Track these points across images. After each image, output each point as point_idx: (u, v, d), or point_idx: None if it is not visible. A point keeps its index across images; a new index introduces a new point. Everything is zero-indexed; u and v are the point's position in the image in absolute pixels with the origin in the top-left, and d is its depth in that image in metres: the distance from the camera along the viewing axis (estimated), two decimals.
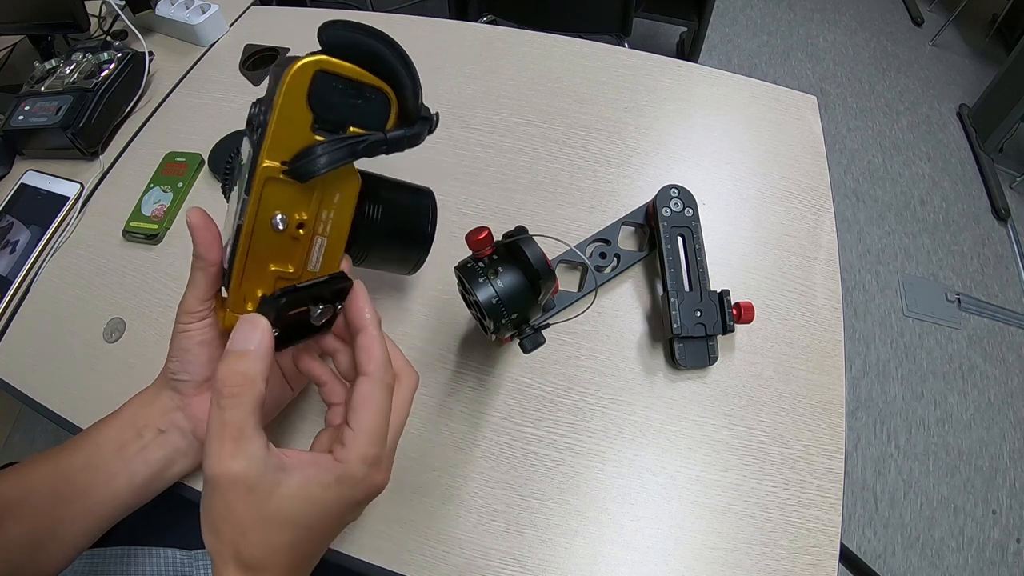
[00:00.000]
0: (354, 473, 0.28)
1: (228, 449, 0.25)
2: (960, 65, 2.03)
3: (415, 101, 0.32)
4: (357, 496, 0.28)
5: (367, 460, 0.28)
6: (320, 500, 0.27)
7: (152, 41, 0.73)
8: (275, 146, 0.29)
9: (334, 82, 0.29)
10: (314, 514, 0.27)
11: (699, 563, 0.39)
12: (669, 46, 1.99)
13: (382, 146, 0.31)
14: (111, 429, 0.36)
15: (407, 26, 0.73)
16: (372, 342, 0.30)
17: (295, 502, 0.26)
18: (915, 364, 1.36)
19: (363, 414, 0.28)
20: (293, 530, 0.27)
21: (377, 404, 0.29)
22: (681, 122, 0.61)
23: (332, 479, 0.27)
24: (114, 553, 0.44)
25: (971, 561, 1.12)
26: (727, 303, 0.45)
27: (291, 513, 0.26)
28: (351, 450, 0.28)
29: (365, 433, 0.28)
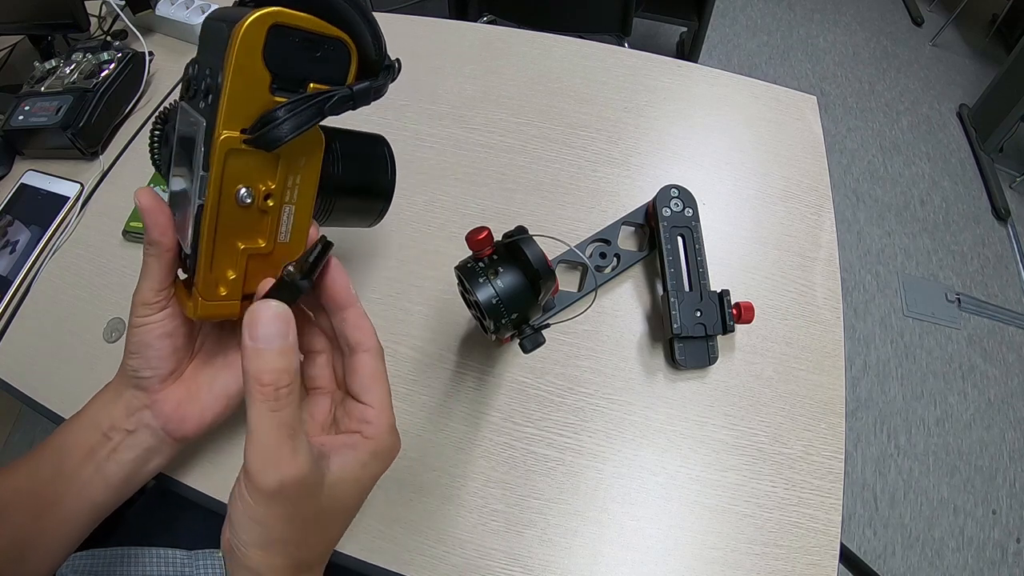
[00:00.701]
0: (386, 446, 0.28)
1: (287, 452, 0.23)
2: (960, 65, 2.03)
3: (377, 49, 0.29)
4: (386, 464, 0.29)
5: (392, 430, 0.29)
6: (362, 479, 0.28)
7: (152, 41, 0.73)
8: (232, 113, 0.26)
9: (291, 36, 0.26)
10: (360, 494, 0.28)
11: (699, 563, 0.39)
12: (669, 46, 1.99)
13: (348, 101, 0.29)
14: (76, 435, 0.34)
15: (407, 26, 0.73)
16: (361, 317, 0.30)
17: (343, 487, 0.26)
18: (915, 364, 1.36)
19: (376, 389, 0.29)
20: (346, 517, 0.28)
21: (382, 373, 0.29)
22: (681, 122, 0.61)
23: (368, 456, 0.28)
24: (114, 553, 0.44)
25: (971, 561, 1.12)
26: (727, 303, 0.45)
27: (343, 500, 0.27)
28: (378, 425, 0.28)
29: (384, 406, 0.29)
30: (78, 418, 0.35)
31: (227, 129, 0.26)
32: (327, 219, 0.37)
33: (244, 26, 0.25)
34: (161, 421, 0.35)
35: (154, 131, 0.34)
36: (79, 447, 0.34)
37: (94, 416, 0.35)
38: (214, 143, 0.26)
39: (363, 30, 0.29)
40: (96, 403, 0.35)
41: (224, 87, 0.26)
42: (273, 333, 0.24)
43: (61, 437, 0.35)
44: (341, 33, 0.28)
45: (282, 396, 0.23)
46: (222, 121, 0.26)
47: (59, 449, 0.34)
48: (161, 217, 0.31)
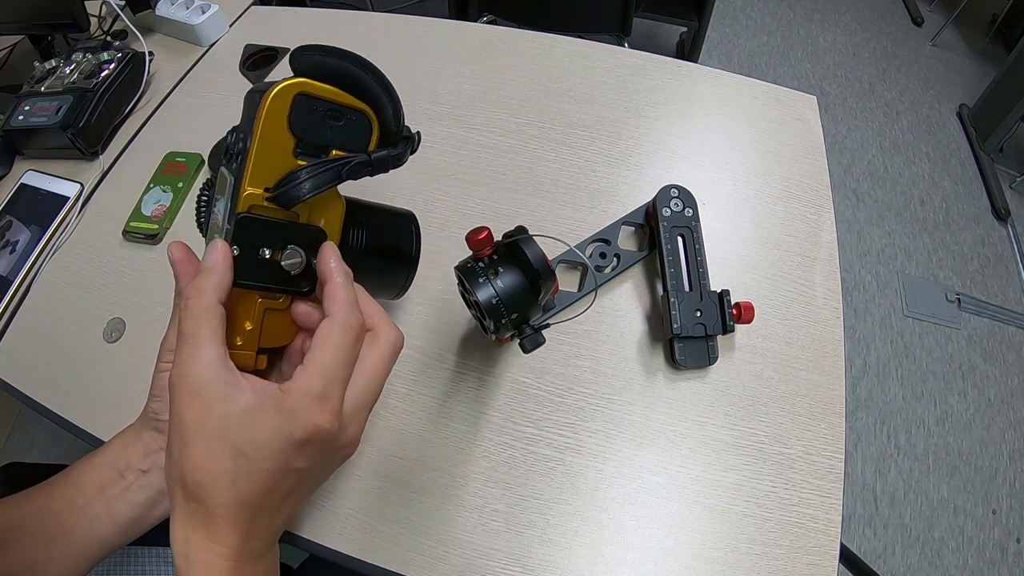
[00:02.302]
0: (294, 405, 0.26)
1: (183, 355, 0.25)
2: (960, 65, 2.03)
3: (396, 121, 0.32)
4: (296, 433, 0.26)
5: (310, 393, 0.26)
6: (260, 426, 0.25)
7: (152, 41, 0.73)
8: (257, 172, 0.28)
9: (315, 105, 0.29)
10: (254, 441, 0.25)
11: (699, 563, 0.39)
12: (669, 46, 1.99)
13: (366, 168, 0.31)
14: (92, 469, 0.35)
15: (407, 26, 0.73)
16: (336, 289, 0.29)
17: (236, 420, 0.25)
18: (915, 364, 1.36)
19: (317, 351, 0.27)
20: (232, 454, 0.25)
21: (333, 344, 0.27)
22: (681, 122, 0.61)
23: (272, 405, 0.26)
24: (115, 553, 0.44)
25: (971, 561, 1.12)
26: (727, 303, 0.45)
27: (231, 432, 0.25)
28: (296, 382, 0.26)
29: (314, 367, 0.26)
30: (98, 454, 0.36)
31: (252, 186, 0.29)
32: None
33: (272, 94, 0.28)
34: None
35: (201, 195, 0.36)
36: (92, 483, 0.34)
37: (112, 455, 0.35)
38: (239, 198, 0.28)
39: (385, 103, 0.31)
40: (116, 443, 0.36)
41: (251, 148, 0.28)
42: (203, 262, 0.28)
43: (77, 472, 0.35)
44: (363, 105, 0.31)
45: (185, 307, 0.26)
46: (247, 179, 0.28)
47: (74, 484, 0.35)
48: (189, 268, 0.32)
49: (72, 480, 0.35)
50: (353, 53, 0.30)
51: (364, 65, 0.30)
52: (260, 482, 0.26)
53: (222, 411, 0.25)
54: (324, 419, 0.26)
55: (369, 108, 0.31)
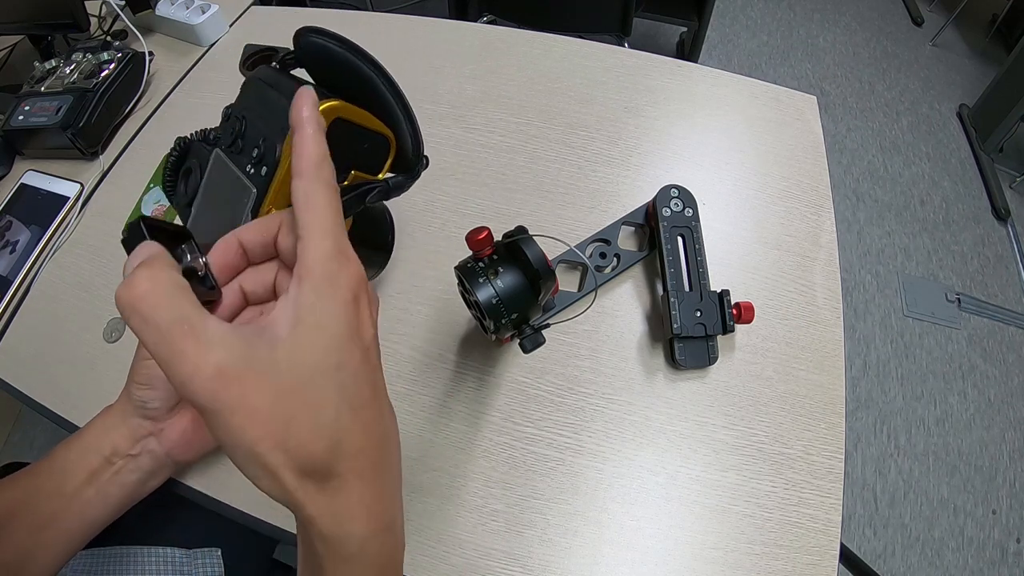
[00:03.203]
0: (325, 274, 0.21)
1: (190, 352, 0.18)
2: (960, 65, 2.03)
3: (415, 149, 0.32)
4: (344, 294, 0.22)
5: (329, 254, 0.22)
6: (320, 323, 0.21)
7: (152, 41, 0.73)
8: (283, 193, 0.28)
9: (348, 128, 0.29)
10: (329, 344, 0.21)
11: (699, 563, 0.39)
12: (669, 46, 1.99)
13: (386, 194, 0.32)
14: (76, 457, 0.35)
15: (407, 26, 0.73)
16: (303, 140, 0.23)
17: (301, 345, 0.20)
18: (915, 364, 1.36)
19: (305, 214, 0.22)
20: (328, 380, 0.21)
21: (318, 199, 0.22)
22: (681, 122, 0.61)
23: (311, 295, 0.21)
24: (113, 553, 0.44)
25: (971, 561, 1.12)
26: (727, 303, 0.45)
27: (310, 359, 0.20)
28: (307, 257, 0.21)
29: (312, 232, 0.22)
30: (78, 440, 0.35)
31: (276, 206, 0.28)
32: None
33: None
34: (166, 447, 0.35)
35: (170, 157, 0.35)
36: (80, 470, 0.34)
37: (95, 441, 0.35)
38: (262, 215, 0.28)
39: (406, 131, 0.32)
40: (97, 427, 0.36)
41: (282, 167, 0.28)
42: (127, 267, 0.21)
43: (61, 458, 0.35)
44: (387, 131, 0.31)
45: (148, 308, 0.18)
46: (273, 197, 0.28)
47: (60, 471, 0.35)
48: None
49: (58, 467, 0.35)
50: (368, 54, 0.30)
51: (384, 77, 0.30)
52: (364, 385, 0.22)
53: (281, 355, 0.20)
54: (355, 269, 0.23)
55: (392, 133, 0.31)
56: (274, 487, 0.20)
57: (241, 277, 0.27)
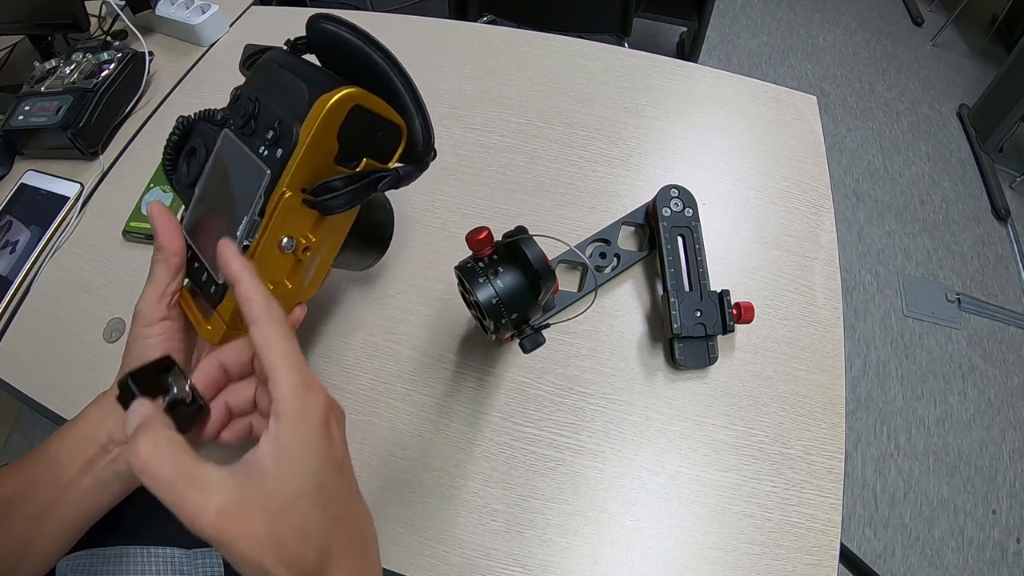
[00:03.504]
0: (297, 409, 0.25)
1: (194, 499, 0.22)
2: (960, 65, 2.03)
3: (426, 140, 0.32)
4: (316, 424, 0.25)
5: (297, 389, 0.25)
6: (295, 456, 0.24)
7: (152, 41, 0.73)
8: (300, 176, 0.29)
9: (364, 116, 0.29)
10: (305, 473, 0.24)
11: (699, 563, 0.39)
12: (669, 46, 1.99)
13: (396, 183, 0.32)
14: (72, 446, 0.34)
15: (407, 26, 0.73)
16: (247, 289, 0.26)
17: (282, 477, 0.24)
18: (915, 364, 1.36)
19: (267, 358, 0.25)
20: (311, 502, 0.24)
21: (276, 339, 0.26)
22: (681, 122, 0.61)
23: (288, 430, 0.24)
24: (112, 553, 0.44)
25: (971, 561, 1.12)
26: (727, 303, 0.45)
27: (292, 488, 0.24)
28: (279, 396, 0.25)
29: (280, 371, 0.25)
30: (73, 429, 0.35)
31: (291, 189, 0.29)
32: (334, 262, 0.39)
33: (332, 101, 0.27)
34: None
35: (172, 137, 0.35)
36: (76, 459, 0.34)
37: (90, 429, 0.35)
38: (277, 198, 0.28)
39: (417, 121, 0.32)
40: (91, 415, 0.36)
41: (299, 151, 0.28)
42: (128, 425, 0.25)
43: (55, 448, 0.35)
44: (400, 120, 0.31)
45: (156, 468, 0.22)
46: (288, 180, 0.28)
47: (55, 460, 0.34)
48: (169, 223, 0.31)
49: (52, 457, 0.35)
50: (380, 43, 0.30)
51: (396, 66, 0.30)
52: (339, 506, 0.26)
53: (269, 488, 0.23)
54: (321, 397, 0.26)
55: (404, 123, 0.32)
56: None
57: (225, 393, 0.30)
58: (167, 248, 0.32)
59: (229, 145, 0.31)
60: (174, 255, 0.32)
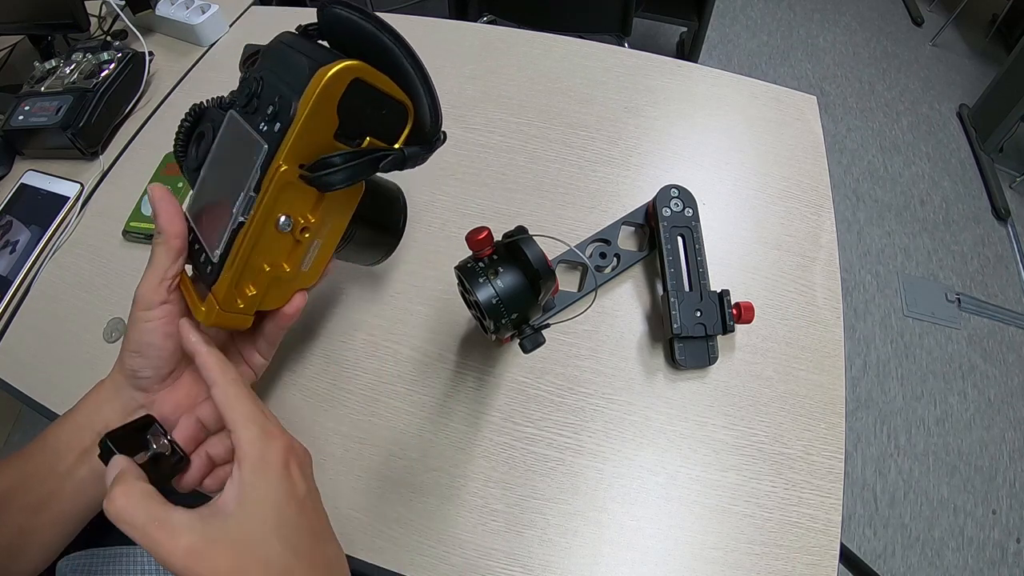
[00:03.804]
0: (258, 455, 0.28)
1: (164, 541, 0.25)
2: (960, 65, 2.03)
3: (434, 120, 0.31)
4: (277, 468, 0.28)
5: (255, 438, 0.28)
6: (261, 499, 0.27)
7: (152, 41, 0.73)
8: (297, 149, 0.28)
9: (366, 92, 0.28)
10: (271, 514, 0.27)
11: (699, 563, 0.39)
12: (669, 46, 1.99)
13: (399, 163, 0.31)
14: (69, 435, 0.35)
15: (407, 26, 0.73)
16: (205, 357, 0.31)
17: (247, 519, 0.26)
18: (915, 364, 1.36)
19: (228, 413, 0.29)
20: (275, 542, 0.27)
21: (234, 398, 0.29)
22: (681, 122, 0.61)
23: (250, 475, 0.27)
24: (112, 553, 0.44)
25: (971, 561, 1.12)
26: (727, 303, 0.45)
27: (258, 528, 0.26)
28: (241, 445, 0.28)
29: (239, 423, 0.28)
30: (69, 418, 0.35)
31: (287, 163, 0.28)
32: (340, 252, 0.38)
33: (330, 73, 0.26)
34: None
35: (184, 123, 0.35)
36: (72, 448, 0.34)
37: (87, 418, 0.35)
38: (273, 172, 0.28)
39: (424, 100, 0.31)
40: (89, 404, 0.35)
41: (296, 124, 0.27)
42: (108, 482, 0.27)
43: (54, 437, 0.35)
44: (406, 98, 0.30)
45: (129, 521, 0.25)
46: (285, 154, 0.28)
47: (52, 450, 0.34)
48: (170, 207, 0.32)
49: (50, 446, 0.34)
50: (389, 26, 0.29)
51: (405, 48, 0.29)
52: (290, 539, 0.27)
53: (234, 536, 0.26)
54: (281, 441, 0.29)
55: (410, 102, 0.31)
56: None
57: (207, 444, 0.34)
58: (168, 231, 0.32)
59: (233, 125, 0.31)
60: (175, 238, 0.32)
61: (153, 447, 0.31)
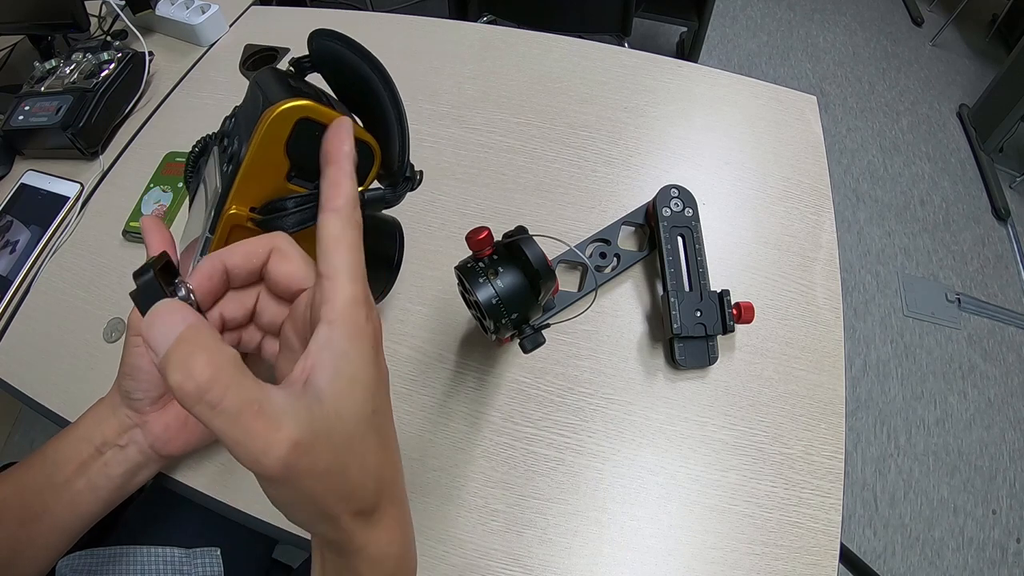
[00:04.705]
0: (356, 319, 0.22)
1: (261, 431, 0.18)
2: (960, 65, 2.03)
3: (401, 159, 0.29)
4: (372, 342, 0.23)
5: (359, 300, 0.22)
6: (355, 374, 0.21)
7: (152, 41, 0.73)
8: (245, 192, 0.27)
9: (317, 131, 0.26)
10: (363, 394, 0.22)
11: (699, 563, 0.39)
12: (669, 46, 1.99)
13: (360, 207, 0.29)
14: (68, 448, 0.35)
15: (407, 26, 0.73)
16: (343, 176, 0.24)
17: (341, 399, 0.21)
18: (915, 364, 1.36)
19: (337, 254, 0.22)
20: (368, 428, 0.22)
21: (349, 242, 0.23)
22: (681, 122, 0.61)
23: (344, 344, 0.21)
24: (113, 552, 0.44)
25: (971, 561, 1.12)
26: (727, 303, 0.45)
27: (352, 413, 0.21)
28: (334, 300, 0.22)
29: (340, 273, 0.22)
30: (71, 431, 0.36)
31: (237, 205, 0.27)
32: None
33: (272, 116, 0.25)
34: (150, 440, 0.36)
35: (192, 152, 0.35)
36: (71, 460, 0.34)
37: (88, 431, 0.35)
38: (223, 214, 0.27)
39: (394, 136, 0.29)
40: (90, 418, 0.36)
41: (243, 166, 0.26)
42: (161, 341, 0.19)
43: (53, 449, 0.35)
44: (369, 137, 0.29)
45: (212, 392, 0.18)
46: (233, 196, 0.27)
47: (51, 461, 0.35)
48: (157, 235, 0.31)
49: (49, 458, 0.35)
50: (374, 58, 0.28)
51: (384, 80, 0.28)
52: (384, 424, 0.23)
53: (329, 414, 0.20)
54: (376, 317, 0.24)
55: (375, 142, 0.29)
56: (330, 530, 0.22)
57: (221, 304, 0.27)
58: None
59: (212, 162, 0.31)
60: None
61: (181, 292, 0.23)
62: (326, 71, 0.33)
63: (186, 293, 0.23)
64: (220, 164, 0.29)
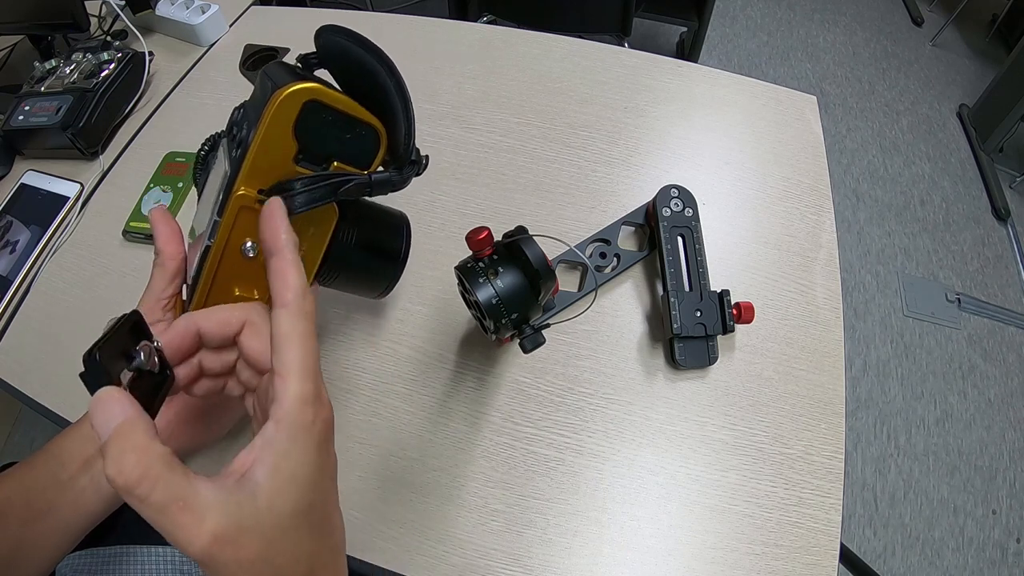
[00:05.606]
0: (301, 420, 0.23)
1: (186, 524, 0.20)
2: (960, 65, 2.03)
3: (407, 143, 0.30)
4: (317, 440, 0.23)
5: (307, 399, 0.23)
6: (294, 471, 0.22)
7: (152, 41, 0.73)
8: (253, 173, 0.28)
9: (325, 113, 0.27)
10: (303, 490, 0.23)
11: (699, 563, 0.39)
12: (669, 46, 1.99)
13: (365, 189, 0.29)
14: (73, 444, 0.35)
15: (407, 26, 0.73)
16: (287, 266, 0.24)
17: (278, 494, 0.22)
18: (915, 364, 1.36)
19: (287, 352, 0.23)
20: (303, 522, 0.23)
21: (300, 336, 0.23)
22: (681, 122, 0.61)
23: (287, 444, 0.22)
24: (113, 552, 0.44)
25: (971, 561, 1.12)
26: (727, 303, 0.45)
27: (288, 507, 0.22)
28: (283, 399, 0.22)
29: (291, 372, 0.23)
30: (75, 429, 0.36)
31: (245, 186, 0.28)
32: (332, 284, 0.38)
33: (281, 97, 0.26)
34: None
35: (200, 150, 0.35)
36: (75, 457, 0.34)
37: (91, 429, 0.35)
38: (231, 195, 0.28)
39: (399, 122, 0.29)
40: None
41: (251, 148, 0.27)
42: (103, 424, 0.22)
43: (57, 446, 0.35)
44: (375, 120, 0.29)
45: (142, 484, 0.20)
46: (242, 178, 0.28)
47: (56, 458, 0.35)
48: (167, 228, 0.32)
49: (54, 455, 0.35)
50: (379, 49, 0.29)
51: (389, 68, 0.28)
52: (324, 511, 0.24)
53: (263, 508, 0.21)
54: (327, 412, 0.24)
55: (381, 125, 0.30)
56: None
57: (202, 354, 0.29)
58: (164, 252, 0.32)
59: (221, 153, 0.32)
60: (170, 259, 0.32)
61: (140, 358, 0.25)
62: (332, 66, 0.33)
63: (146, 356, 0.25)
64: (229, 151, 0.30)
